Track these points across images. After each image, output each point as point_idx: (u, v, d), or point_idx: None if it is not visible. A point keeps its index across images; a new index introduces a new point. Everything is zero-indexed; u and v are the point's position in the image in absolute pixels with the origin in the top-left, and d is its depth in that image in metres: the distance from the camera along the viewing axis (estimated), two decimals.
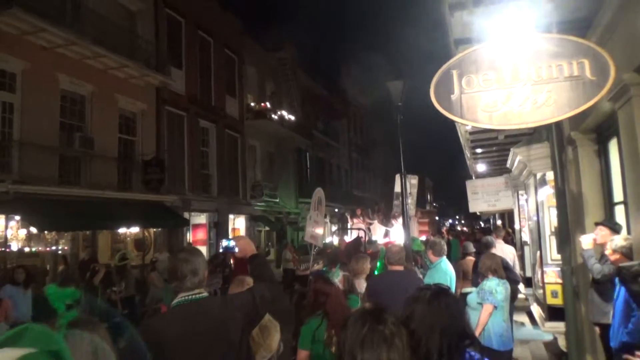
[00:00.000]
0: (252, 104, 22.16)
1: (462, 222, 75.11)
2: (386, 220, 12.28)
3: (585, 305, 4.96)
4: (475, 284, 5.35)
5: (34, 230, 11.02)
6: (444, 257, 5.03)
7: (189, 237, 17.60)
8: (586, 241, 4.24)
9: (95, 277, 7.90)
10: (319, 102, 30.47)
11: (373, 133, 44.14)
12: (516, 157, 5.91)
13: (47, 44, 11.89)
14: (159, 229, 15.64)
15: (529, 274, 8.72)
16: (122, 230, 14.39)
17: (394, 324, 1.62)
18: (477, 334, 4.25)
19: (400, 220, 11.92)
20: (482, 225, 43.88)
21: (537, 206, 5.87)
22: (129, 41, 14.52)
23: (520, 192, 9.50)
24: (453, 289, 5.07)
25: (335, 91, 33.58)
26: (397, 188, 9.21)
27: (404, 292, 2.17)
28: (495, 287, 4.42)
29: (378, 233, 12.61)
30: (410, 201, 8.61)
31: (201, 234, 18.77)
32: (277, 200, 23.78)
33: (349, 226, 14.92)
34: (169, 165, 16.18)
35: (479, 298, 4.42)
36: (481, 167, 10.87)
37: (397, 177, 9.22)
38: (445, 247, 5.07)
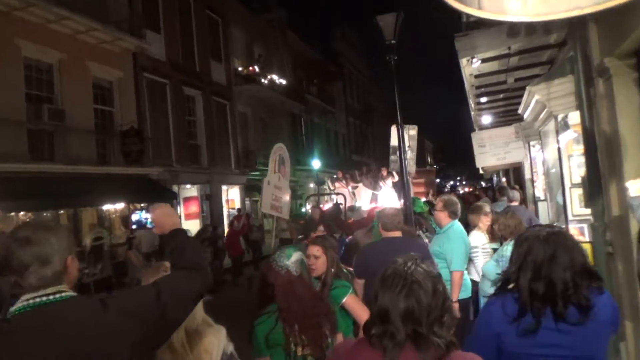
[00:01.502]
0: (240, 69, 20.97)
1: (464, 183, 74.34)
2: (375, 183, 11.23)
3: (626, 265, 4.12)
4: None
5: None
6: (457, 220, 4.17)
7: (180, 210, 16.80)
8: (635, 187, 3.36)
9: None
10: (311, 66, 29.13)
11: (371, 98, 42.89)
12: (532, 98, 4.99)
13: (3, 7, 10.76)
14: (147, 205, 14.82)
15: None
16: (106, 207, 13.58)
17: (424, 272, 1.50)
18: None
19: (389, 181, 10.78)
20: (484, 185, 42.96)
21: (559, 154, 4.97)
22: (98, 3, 13.30)
23: (531, 142, 8.58)
24: (467, 257, 4.22)
25: (329, 54, 32.18)
26: (394, 141, 7.93)
27: None
28: None
29: (363, 198, 11.47)
30: (410, 155, 7.44)
31: (193, 207, 17.98)
32: (289, 171, 22.85)
33: (327, 191, 13.97)
34: (152, 136, 15.24)
35: (499, 267, 3.57)
36: (486, 119, 9.86)
37: (393, 129, 8.00)
38: (460, 208, 4.20)
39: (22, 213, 11.30)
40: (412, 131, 7.80)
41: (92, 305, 1.47)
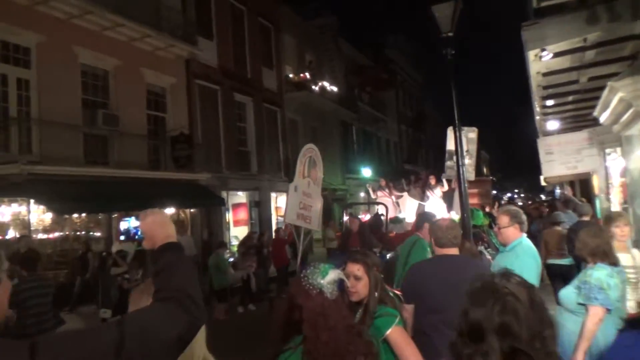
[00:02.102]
0: (291, 76, 20.85)
1: (522, 195, 70.99)
2: (422, 193, 10.49)
3: None
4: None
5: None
6: (525, 235, 3.53)
7: (229, 217, 16.76)
8: None
9: (107, 265, 7.00)
10: (363, 73, 28.72)
11: (424, 106, 41.85)
12: (614, 96, 4.31)
13: (62, 15, 11.09)
14: (196, 210, 14.85)
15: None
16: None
17: (517, 283, 1.35)
18: (580, 351, 2.80)
19: (437, 190, 10.06)
20: (543, 198, 40.46)
21: None
22: (153, 10, 13.53)
23: (607, 150, 7.68)
24: (539, 277, 3.57)
25: (381, 61, 31.63)
26: (450, 145, 6.99)
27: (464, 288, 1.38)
28: (607, 279, 2.91)
29: (408, 208, 10.59)
30: (468, 161, 6.69)
31: (242, 214, 17.91)
32: (322, 176, 22.51)
33: (368, 199, 13.29)
34: (202, 142, 15.30)
35: (581, 296, 2.96)
36: (552, 125, 8.96)
37: (449, 131, 6.96)
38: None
39: (75, 215, 11.56)
40: (471, 134, 7.02)
41: (16, 354, 1.03)
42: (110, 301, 7.48)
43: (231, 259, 8.96)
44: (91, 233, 11.72)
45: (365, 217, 10.90)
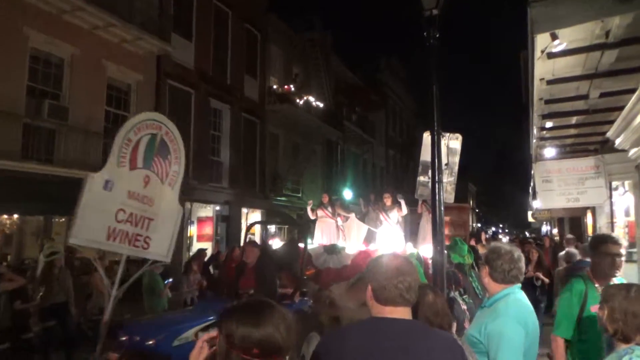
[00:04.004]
0: (275, 87, 19.76)
1: (506, 231, 70.07)
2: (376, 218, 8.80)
3: None
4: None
5: None
6: (518, 287, 2.39)
7: (191, 230, 15.40)
8: None
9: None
10: (353, 92, 27.75)
11: (416, 133, 41.04)
12: (637, 115, 3.20)
13: None
14: None
15: None
16: None
17: None
18: None
19: (394, 214, 8.39)
20: (527, 235, 39.22)
21: None
22: (126, 0, 12.39)
23: (614, 183, 6.59)
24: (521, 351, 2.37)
25: (373, 82, 30.76)
26: (425, 155, 5.18)
27: None
28: None
29: (354, 236, 8.75)
30: (447, 179, 4.86)
31: (208, 229, 16.56)
32: (300, 195, 21.30)
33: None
34: None
35: None
36: (549, 152, 7.86)
37: (426, 138, 5.08)
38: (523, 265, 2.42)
39: (5, 216, 10.18)
40: (453, 142, 5.27)
41: None
42: None
43: (169, 280, 7.57)
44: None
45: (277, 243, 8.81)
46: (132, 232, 4.83)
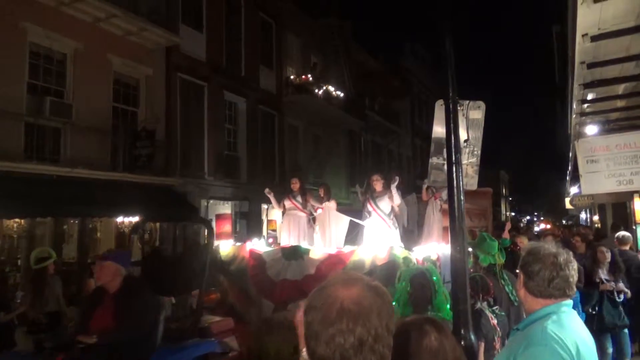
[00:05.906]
0: (292, 77, 19.04)
1: (542, 219, 67.37)
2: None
3: None
4: None
5: None
6: (568, 303, 1.69)
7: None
8: None
9: None
10: (376, 80, 26.76)
11: None
12: None
13: None
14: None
15: None
16: (120, 219, 11.98)
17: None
18: None
19: (385, 205, 6.57)
20: (564, 222, 36.83)
21: None
22: None
23: None
24: None
25: (396, 69, 29.66)
26: (438, 130, 3.93)
27: None
28: None
29: (332, 231, 6.74)
30: (469, 159, 3.74)
31: (228, 226, 16.00)
32: None
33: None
34: (182, 143, 13.56)
35: None
36: (591, 129, 6.83)
37: (438, 108, 3.81)
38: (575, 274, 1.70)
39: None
40: (474, 112, 3.86)
41: None
42: None
43: None
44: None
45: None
46: None
